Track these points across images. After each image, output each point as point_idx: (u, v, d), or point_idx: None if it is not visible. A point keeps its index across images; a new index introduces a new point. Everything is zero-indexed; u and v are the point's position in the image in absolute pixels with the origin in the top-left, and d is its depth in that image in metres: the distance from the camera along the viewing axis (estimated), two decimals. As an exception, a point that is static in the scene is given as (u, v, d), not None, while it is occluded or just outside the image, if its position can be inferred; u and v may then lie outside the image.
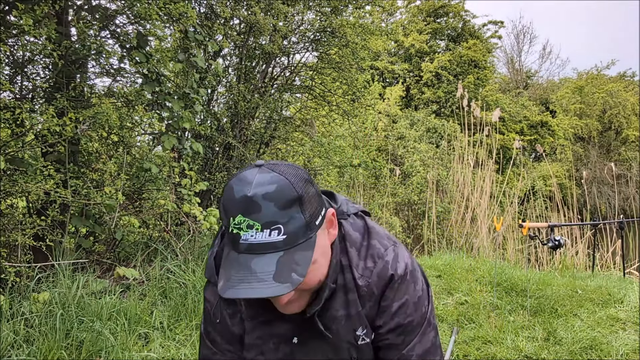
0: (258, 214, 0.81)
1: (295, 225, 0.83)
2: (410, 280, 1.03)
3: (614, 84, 19.32)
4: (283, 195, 0.82)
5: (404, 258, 1.04)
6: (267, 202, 0.81)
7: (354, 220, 1.07)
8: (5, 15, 2.81)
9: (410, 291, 1.02)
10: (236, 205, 0.82)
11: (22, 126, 2.82)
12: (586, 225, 7.08)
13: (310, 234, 0.86)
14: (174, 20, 3.29)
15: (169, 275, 3.25)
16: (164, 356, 2.51)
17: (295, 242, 0.84)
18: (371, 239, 1.04)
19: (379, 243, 1.04)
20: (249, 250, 0.82)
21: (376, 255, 1.02)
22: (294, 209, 0.83)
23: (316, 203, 0.89)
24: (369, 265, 1.01)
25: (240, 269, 0.82)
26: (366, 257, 1.02)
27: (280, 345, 1.05)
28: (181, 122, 3.37)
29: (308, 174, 0.91)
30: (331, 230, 0.97)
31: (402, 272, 1.02)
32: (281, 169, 0.86)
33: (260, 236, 0.81)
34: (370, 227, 1.06)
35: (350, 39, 4.86)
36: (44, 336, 2.35)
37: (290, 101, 5.53)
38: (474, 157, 8.51)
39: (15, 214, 2.96)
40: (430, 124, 11.97)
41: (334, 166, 6.11)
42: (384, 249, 1.03)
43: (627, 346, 2.83)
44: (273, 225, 0.81)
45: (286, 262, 0.82)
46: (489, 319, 3.28)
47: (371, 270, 1.01)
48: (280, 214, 0.82)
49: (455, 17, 17.15)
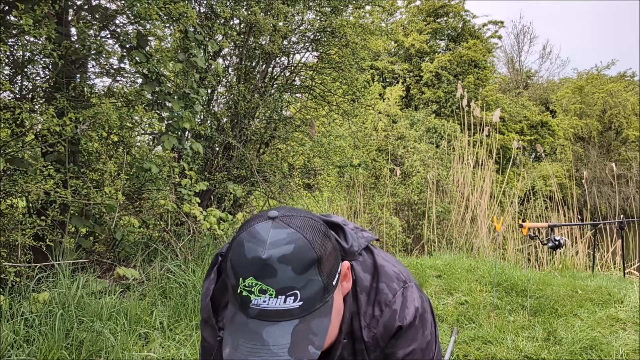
0: (273, 278, 0.73)
1: (313, 290, 0.75)
2: (419, 325, 0.97)
3: (614, 84, 19.31)
4: (301, 258, 0.74)
5: (414, 302, 0.97)
6: (284, 266, 0.73)
7: (364, 259, 1.00)
8: (5, 15, 2.81)
9: (419, 337, 0.97)
10: (248, 266, 0.74)
11: (22, 126, 2.82)
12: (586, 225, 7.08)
13: (327, 297, 0.79)
14: (174, 20, 3.29)
15: (169, 275, 3.25)
16: (164, 356, 2.51)
17: (312, 308, 0.76)
18: (379, 281, 0.97)
19: (387, 287, 0.97)
20: (260, 316, 0.74)
21: (383, 303, 0.95)
22: (312, 271, 0.75)
23: (333, 260, 0.80)
24: (376, 313, 0.95)
25: (250, 338, 0.74)
26: (374, 304, 0.96)
27: None
28: (181, 122, 3.37)
29: (325, 226, 0.83)
30: (344, 283, 0.90)
31: (411, 320, 0.95)
32: (298, 223, 0.78)
33: (274, 302, 0.73)
34: (379, 266, 0.99)
35: (350, 39, 4.85)
36: (44, 336, 2.35)
37: (290, 101, 5.53)
38: (474, 157, 8.51)
39: (15, 214, 2.96)
40: (430, 124, 11.97)
41: (334, 166, 6.10)
42: (392, 294, 0.96)
43: (627, 346, 2.83)
44: (289, 292, 0.73)
45: (302, 333, 0.75)
46: (489, 319, 3.28)
47: (377, 320, 0.95)
48: (297, 279, 0.73)
49: (455, 17, 17.14)
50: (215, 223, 3.52)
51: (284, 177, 5.09)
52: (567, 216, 8.23)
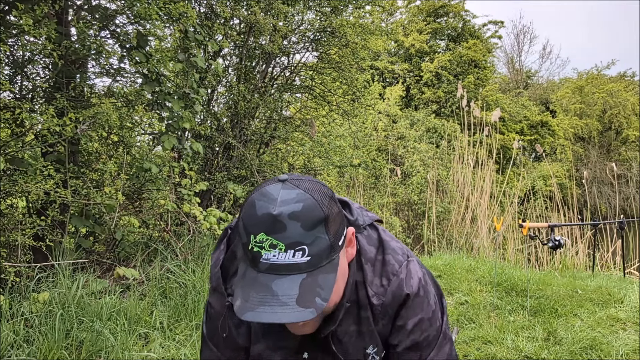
0: (283, 233, 0.77)
1: (320, 247, 0.80)
2: (424, 295, 1.01)
3: (614, 84, 19.31)
4: (310, 215, 0.79)
5: (417, 273, 1.02)
6: (293, 222, 0.77)
7: (369, 233, 1.05)
8: (5, 15, 2.81)
9: (425, 307, 1.01)
10: (259, 223, 0.78)
11: (22, 126, 2.82)
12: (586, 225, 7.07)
13: (333, 256, 0.83)
14: (174, 20, 3.29)
15: (169, 275, 3.24)
16: (164, 356, 2.51)
17: (319, 264, 0.80)
18: (386, 253, 1.02)
19: (393, 259, 1.01)
20: (270, 270, 0.79)
21: (390, 273, 1.00)
22: (320, 229, 0.80)
23: (339, 222, 0.86)
24: (384, 283, 0.99)
25: (260, 290, 0.78)
26: (381, 275, 1.00)
27: (289, 357, 1.02)
28: (181, 122, 3.37)
29: (331, 191, 0.88)
30: (349, 249, 0.95)
31: (416, 289, 1.00)
32: (306, 185, 0.83)
33: (283, 256, 0.78)
34: (384, 241, 1.04)
35: (350, 39, 4.85)
36: (43, 336, 2.35)
37: (290, 101, 5.53)
38: (474, 157, 8.51)
39: (15, 214, 2.96)
40: (430, 124, 11.97)
41: (334, 166, 6.10)
42: (398, 265, 1.01)
43: (627, 346, 2.83)
44: (298, 246, 0.78)
45: (310, 285, 0.79)
46: (489, 319, 3.28)
47: (385, 289, 0.99)
48: (305, 235, 0.78)
49: (456, 17, 17.15)
50: (215, 223, 3.52)
51: (284, 177, 5.08)
52: (567, 216, 8.24)
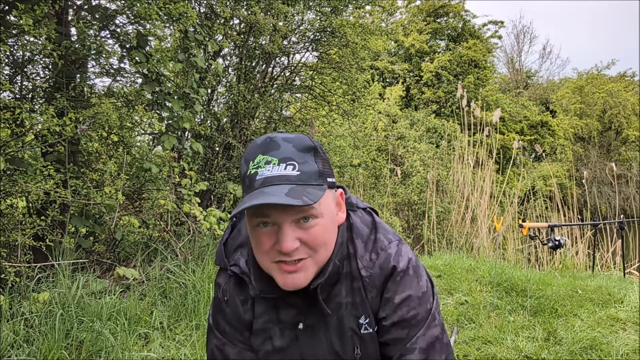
0: (277, 150, 0.89)
1: (309, 168, 0.90)
2: (414, 275, 1.04)
3: (614, 84, 19.31)
4: (301, 141, 0.91)
5: (408, 254, 1.05)
6: (286, 143, 0.90)
7: (363, 215, 1.10)
8: (5, 15, 2.81)
9: (414, 286, 1.03)
10: (257, 147, 0.91)
11: (22, 126, 2.82)
12: (586, 225, 7.07)
13: (322, 182, 0.91)
14: (174, 20, 3.29)
15: (168, 275, 3.24)
16: (164, 356, 2.51)
17: (307, 181, 0.89)
18: (378, 232, 1.07)
19: (383, 237, 1.06)
20: (264, 183, 0.87)
21: (379, 248, 1.04)
22: (309, 155, 0.91)
23: (328, 166, 0.96)
24: (373, 257, 1.04)
25: (254, 196, 0.86)
26: (371, 250, 1.04)
27: (285, 331, 1.05)
28: (181, 122, 3.37)
29: None
30: (339, 213, 1.01)
31: (405, 266, 1.03)
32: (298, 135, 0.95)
33: (276, 170, 0.88)
34: (377, 223, 1.09)
35: (350, 39, 4.85)
36: (43, 336, 2.35)
37: (290, 101, 5.53)
38: (474, 157, 8.51)
39: (15, 214, 2.96)
40: (430, 124, 11.97)
41: (334, 166, 6.10)
42: (388, 242, 1.05)
43: (627, 346, 2.83)
44: (289, 161, 0.88)
45: (298, 190, 0.87)
46: (489, 319, 3.28)
47: (374, 262, 1.03)
48: (297, 154, 0.89)
49: (455, 17, 17.14)
50: (215, 223, 3.52)
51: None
52: (567, 216, 8.24)
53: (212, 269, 3.30)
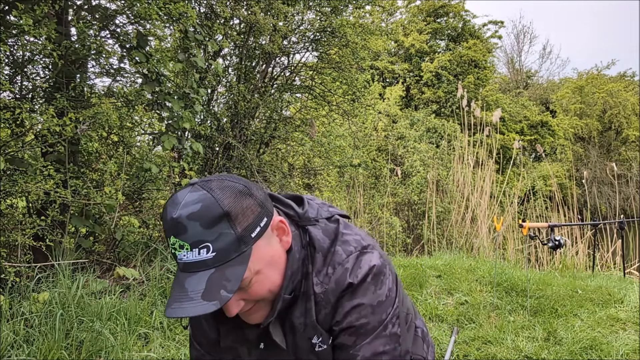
0: (185, 234, 0.83)
1: (225, 242, 0.84)
2: (371, 283, 0.99)
3: (614, 84, 19.31)
4: (208, 214, 0.83)
5: (369, 263, 1.00)
6: (193, 222, 0.83)
7: (326, 225, 1.05)
8: (5, 15, 2.81)
9: (369, 294, 0.99)
10: (168, 227, 0.85)
11: (22, 126, 2.82)
12: (586, 225, 7.07)
13: (244, 248, 0.87)
14: (174, 20, 3.29)
15: (168, 275, 3.25)
16: (164, 356, 2.51)
17: (226, 259, 0.85)
18: (336, 245, 1.02)
19: (342, 249, 1.02)
20: (184, 269, 0.86)
21: (336, 262, 1.00)
22: (222, 225, 0.84)
23: (253, 215, 0.89)
24: (329, 271, 1.00)
25: (177, 288, 0.85)
26: (329, 264, 1.01)
27: (252, 350, 1.07)
28: (181, 122, 3.37)
29: (246, 185, 0.91)
30: (284, 237, 0.97)
31: (362, 277, 0.99)
32: (211, 185, 0.87)
33: (190, 255, 0.84)
34: (339, 233, 1.04)
35: (350, 39, 4.85)
36: (43, 336, 2.35)
37: (290, 101, 5.53)
38: (474, 157, 8.51)
39: (15, 214, 2.96)
40: (430, 124, 11.97)
41: (334, 166, 6.10)
42: (346, 255, 1.01)
43: (627, 346, 2.83)
44: (201, 244, 0.83)
45: (216, 280, 0.84)
46: (489, 319, 3.28)
47: (330, 277, 1.00)
48: (206, 233, 0.83)
49: (456, 17, 17.15)
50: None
51: (284, 177, 5.09)
52: (567, 216, 8.24)
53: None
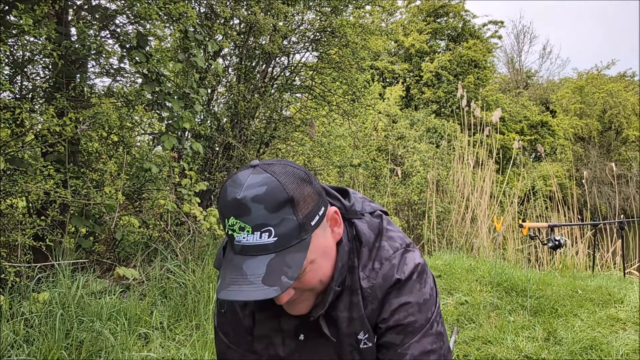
0: (248, 216, 0.81)
1: (287, 227, 0.83)
2: (417, 280, 1.01)
3: (614, 84, 19.31)
4: (273, 197, 0.82)
5: (414, 260, 1.02)
6: (257, 205, 0.81)
7: (370, 219, 1.05)
8: (5, 15, 2.81)
9: (415, 291, 1.00)
10: (229, 208, 0.83)
11: (22, 126, 2.82)
12: (586, 225, 7.07)
13: (304, 236, 0.86)
14: (174, 20, 3.29)
15: (168, 275, 3.25)
16: (164, 356, 2.51)
17: (287, 244, 0.84)
18: (382, 240, 1.03)
19: (388, 245, 1.02)
20: (242, 251, 0.84)
21: (383, 258, 1.00)
22: (286, 210, 0.83)
23: (312, 203, 0.88)
24: (376, 266, 1.00)
25: (233, 270, 0.84)
26: (375, 259, 1.01)
27: (286, 340, 1.05)
28: (181, 122, 3.37)
29: (306, 172, 0.90)
30: (335, 229, 0.96)
31: (409, 274, 1.00)
32: (274, 169, 0.86)
33: (251, 238, 0.82)
34: (384, 228, 1.05)
35: (350, 39, 4.85)
36: (43, 336, 2.35)
37: (290, 101, 5.53)
38: (474, 157, 8.52)
39: (15, 214, 2.95)
40: (430, 124, 11.97)
41: (334, 166, 6.11)
42: (393, 251, 1.02)
43: (627, 346, 2.83)
44: (263, 228, 0.82)
45: (277, 265, 0.83)
46: (489, 319, 3.28)
47: (377, 272, 1.00)
48: (270, 217, 0.82)
49: (456, 17, 17.14)
50: (215, 223, 3.52)
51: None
52: (567, 216, 8.24)
53: (212, 269, 3.30)
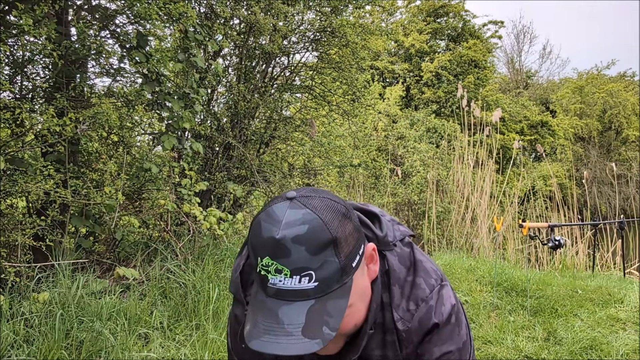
0: (287, 258, 0.73)
1: (329, 271, 0.75)
2: (455, 324, 0.94)
3: (614, 84, 19.31)
4: (315, 238, 0.74)
5: (450, 299, 0.95)
6: (297, 246, 0.73)
7: (401, 250, 0.97)
8: (5, 15, 2.81)
9: (455, 336, 0.93)
10: (264, 246, 0.75)
11: (22, 126, 2.82)
12: (586, 225, 7.08)
13: (345, 279, 0.78)
14: (174, 20, 3.29)
15: (168, 275, 3.25)
16: (164, 356, 2.51)
17: (328, 289, 0.76)
18: (417, 275, 0.95)
19: (424, 282, 0.94)
20: (277, 295, 0.76)
21: (420, 299, 0.93)
22: (328, 252, 0.75)
23: (354, 242, 0.80)
24: (411, 307, 0.92)
25: (268, 316, 0.76)
26: (409, 298, 0.93)
27: None
28: (181, 122, 3.37)
29: (346, 206, 0.82)
30: (371, 266, 0.89)
31: (447, 317, 0.93)
32: (314, 203, 0.77)
33: (289, 282, 0.74)
34: (417, 260, 0.97)
35: (350, 39, 4.85)
36: (43, 336, 2.35)
37: (290, 101, 5.53)
38: (474, 157, 8.52)
39: (15, 214, 2.96)
40: (430, 124, 11.97)
41: (334, 166, 6.11)
42: (429, 290, 0.94)
43: (627, 346, 2.83)
44: (304, 272, 0.74)
45: (317, 313, 0.75)
46: (489, 319, 3.28)
47: (412, 314, 0.92)
48: (311, 259, 0.74)
49: (456, 17, 17.15)
50: (215, 223, 3.52)
51: (284, 177, 5.09)
52: (567, 216, 8.24)
53: (212, 269, 3.31)
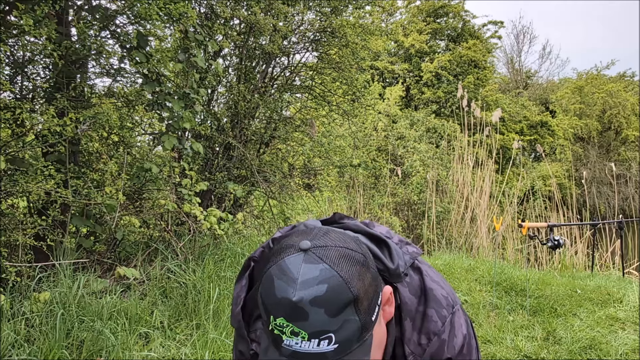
0: (305, 322, 0.68)
1: (349, 331, 0.70)
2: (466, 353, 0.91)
3: (613, 84, 19.31)
4: (335, 299, 0.68)
5: (461, 328, 0.92)
6: (316, 309, 0.68)
7: (411, 278, 0.93)
8: (6, 15, 2.81)
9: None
10: (278, 306, 0.69)
11: (23, 126, 2.82)
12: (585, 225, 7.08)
13: (365, 336, 0.73)
14: (174, 20, 3.30)
15: (169, 275, 3.25)
16: (165, 356, 2.51)
17: (348, 350, 0.71)
18: (428, 306, 0.90)
19: (436, 314, 0.90)
20: (293, 357, 0.70)
21: (431, 332, 0.89)
22: (348, 311, 0.69)
23: (372, 293, 0.74)
24: (423, 342, 0.89)
25: None
26: (420, 331, 0.89)
27: None
28: (181, 122, 3.38)
29: (363, 253, 0.76)
30: (387, 307, 0.84)
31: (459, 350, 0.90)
32: (331, 255, 0.72)
33: (307, 346, 0.69)
34: (427, 290, 0.92)
35: (350, 39, 4.86)
36: (44, 336, 2.36)
37: (290, 101, 5.53)
38: (473, 157, 8.52)
39: (16, 214, 2.96)
40: (430, 124, 11.98)
41: (334, 166, 6.11)
42: (442, 322, 0.90)
43: (626, 346, 2.84)
44: (323, 335, 0.68)
45: None
46: (489, 318, 3.29)
47: (424, 349, 0.89)
48: (331, 322, 0.68)
49: (455, 17, 17.15)
50: (216, 223, 3.53)
51: (284, 177, 5.10)
52: (567, 216, 8.25)
53: (213, 269, 3.31)
